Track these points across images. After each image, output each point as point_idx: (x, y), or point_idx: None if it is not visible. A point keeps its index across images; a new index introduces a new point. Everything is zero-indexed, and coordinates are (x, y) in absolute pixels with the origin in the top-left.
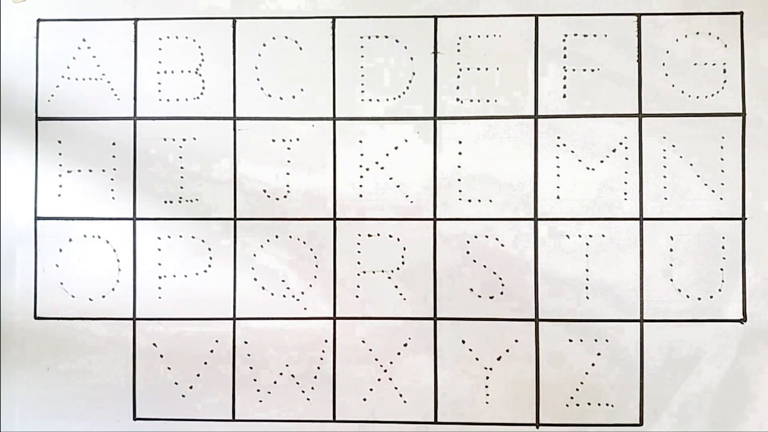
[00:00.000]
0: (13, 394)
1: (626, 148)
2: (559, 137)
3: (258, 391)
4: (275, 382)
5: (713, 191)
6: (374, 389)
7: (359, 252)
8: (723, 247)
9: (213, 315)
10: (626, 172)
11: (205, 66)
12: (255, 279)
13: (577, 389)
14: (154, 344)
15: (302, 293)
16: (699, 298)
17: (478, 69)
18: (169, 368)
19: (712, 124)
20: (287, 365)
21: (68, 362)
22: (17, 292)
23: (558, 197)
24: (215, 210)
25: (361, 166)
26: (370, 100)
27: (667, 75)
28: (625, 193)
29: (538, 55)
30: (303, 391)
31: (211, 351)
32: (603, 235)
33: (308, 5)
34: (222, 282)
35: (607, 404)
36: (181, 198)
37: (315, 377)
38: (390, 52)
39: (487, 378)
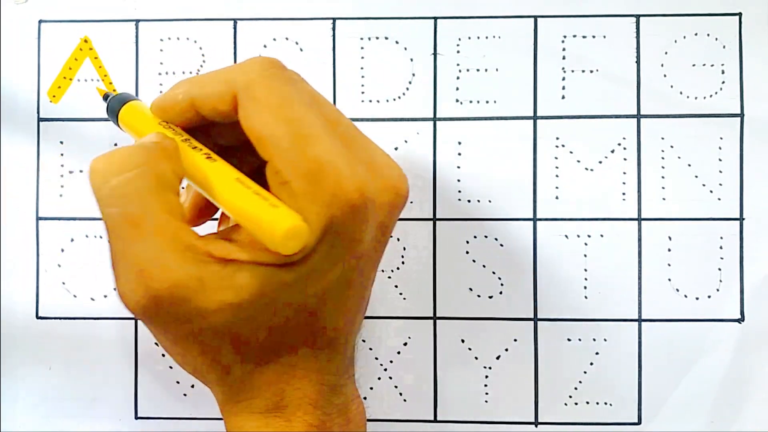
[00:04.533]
0: (14, 393)
1: (625, 148)
2: (557, 138)
3: None
4: None
5: (711, 192)
6: (374, 388)
7: None
8: (721, 248)
9: None
10: (625, 173)
11: (206, 67)
12: None
13: (576, 388)
14: (156, 343)
15: None
16: (697, 298)
17: (478, 70)
18: (170, 367)
19: (711, 124)
20: None
21: (70, 362)
22: (19, 292)
23: (557, 197)
24: None
25: None
26: (370, 100)
27: (665, 76)
28: (624, 194)
29: (537, 56)
30: None
31: None
32: (601, 235)
33: (308, 6)
34: None
35: (606, 403)
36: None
37: None
38: (390, 53)
39: (486, 377)
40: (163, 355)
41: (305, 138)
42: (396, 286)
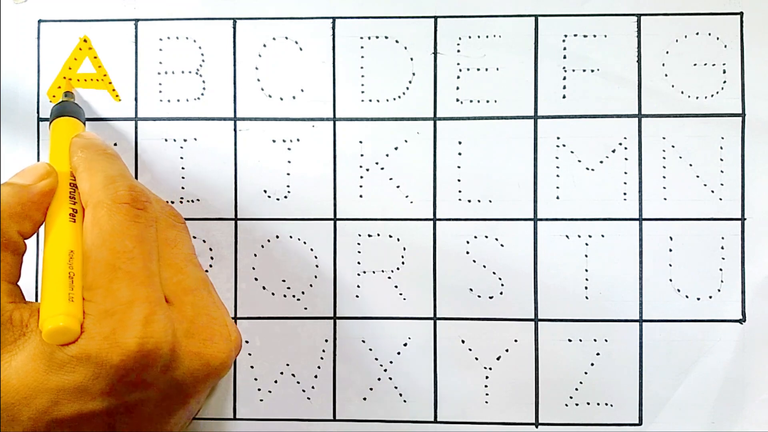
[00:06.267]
0: None
1: (626, 148)
2: (558, 137)
3: (259, 390)
4: (276, 382)
5: (712, 191)
6: (374, 389)
7: (359, 252)
8: (722, 248)
9: None
10: (626, 173)
11: (206, 66)
12: (255, 279)
13: (577, 389)
14: None
15: (302, 293)
16: (698, 298)
17: (478, 69)
18: None
19: (712, 124)
20: (287, 365)
21: None
22: None
23: (557, 197)
24: (216, 210)
25: (361, 167)
26: (370, 100)
27: (666, 75)
28: (625, 194)
29: (538, 56)
30: (303, 391)
31: None
32: (602, 236)
33: (308, 5)
34: (223, 282)
35: (607, 404)
36: (182, 198)
37: (315, 377)
38: (390, 52)
39: (487, 377)
40: None
41: (116, 270)
42: (396, 286)
